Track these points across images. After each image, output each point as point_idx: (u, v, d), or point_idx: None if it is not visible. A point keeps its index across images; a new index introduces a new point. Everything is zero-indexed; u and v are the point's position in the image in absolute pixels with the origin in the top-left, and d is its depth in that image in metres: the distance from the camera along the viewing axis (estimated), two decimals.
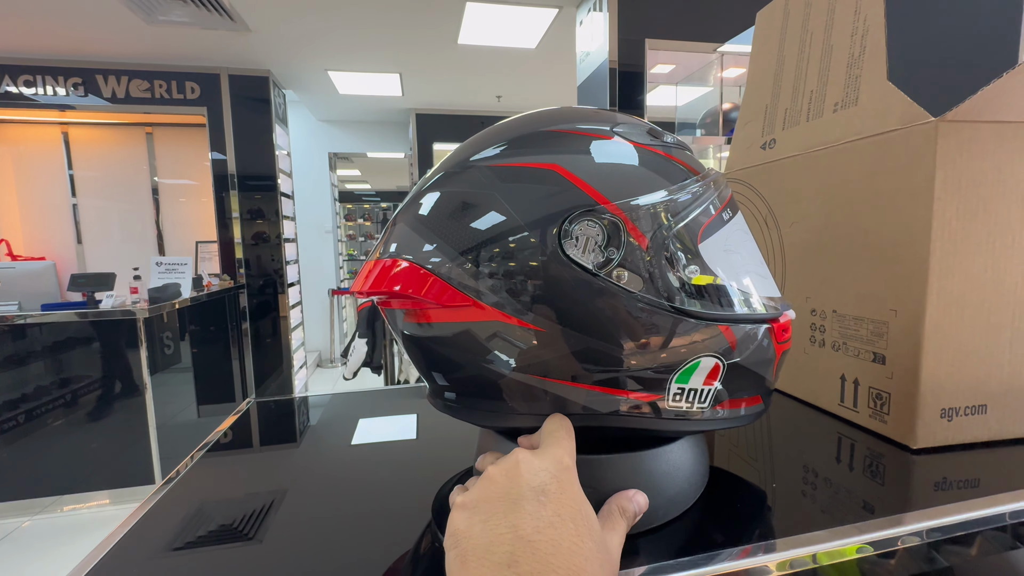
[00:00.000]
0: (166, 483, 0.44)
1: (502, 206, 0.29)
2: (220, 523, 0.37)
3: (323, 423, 0.60)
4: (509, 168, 0.31)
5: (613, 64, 2.17)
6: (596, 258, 0.28)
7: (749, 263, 0.34)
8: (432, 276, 0.29)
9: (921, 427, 0.40)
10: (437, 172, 0.33)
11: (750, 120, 0.60)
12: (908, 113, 0.39)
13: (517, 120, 0.34)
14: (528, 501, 0.23)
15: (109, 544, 0.35)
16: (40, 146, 3.17)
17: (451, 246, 0.30)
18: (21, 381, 2.24)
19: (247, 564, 0.33)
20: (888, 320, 0.42)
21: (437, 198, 0.32)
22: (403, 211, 0.33)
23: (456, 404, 0.33)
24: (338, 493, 0.42)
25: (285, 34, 2.71)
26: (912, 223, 0.39)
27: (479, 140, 0.34)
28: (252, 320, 3.36)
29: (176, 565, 0.33)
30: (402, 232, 0.32)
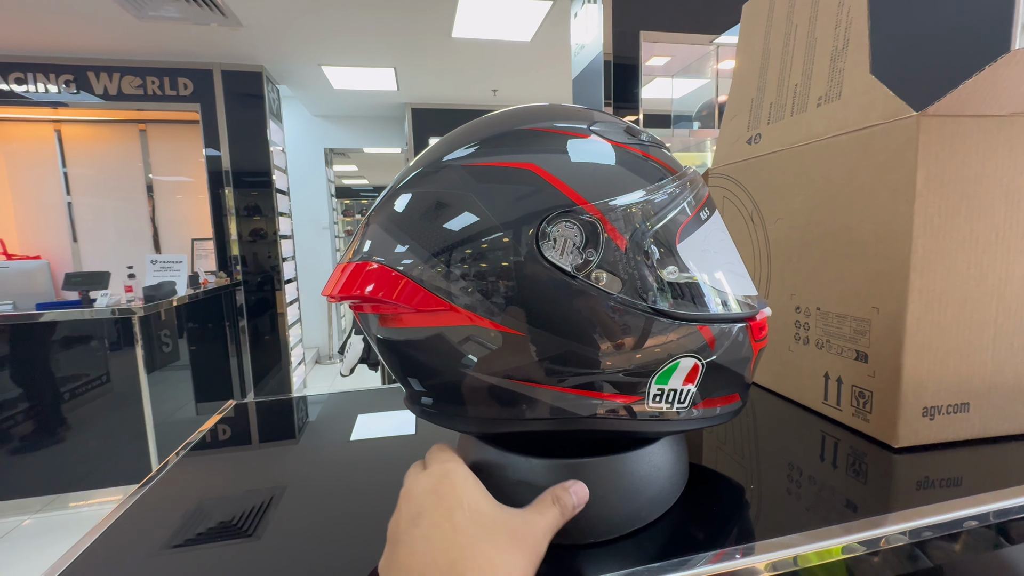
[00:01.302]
0: (145, 483, 0.44)
1: (477, 206, 0.29)
2: (220, 520, 0.37)
3: (321, 420, 0.60)
4: (484, 168, 0.30)
5: (608, 57, 2.15)
6: (574, 260, 0.28)
7: (726, 262, 0.34)
8: (404, 279, 0.29)
9: (903, 426, 0.40)
10: (411, 171, 0.33)
11: (736, 114, 0.59)
12: (890, 107, 0.39)
13: (493, 118, 0.34)
14: (403, 534, 0.25)
15: (87, 543, 0.35)
16: (33, 144, 3.16)
17: (424, 248, 0.29)
18: (19, 380, 2.24)
19: (247, 560, 0.33)
20: (870, 318, 0.41)
21: (410, 198, 0.31)
22: (376, 211, 0.33)
23: (433, 410, 0.33)
24: (337, 489, 0.42)
25: (277, 29, 2.69)
26: (893, 220, 0.39)
27: (454, 138, 0.33)
28: (249, 317, 3.36)
29: (177, 562, 0.33)
30: (374, 233, 0.31)
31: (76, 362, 2.32)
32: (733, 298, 0.32)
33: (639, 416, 0.30)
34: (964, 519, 0.34)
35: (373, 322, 0.33)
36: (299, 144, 4.34)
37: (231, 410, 0.62)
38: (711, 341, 0.30)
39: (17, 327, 2.17)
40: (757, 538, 0.32)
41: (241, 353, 3.32)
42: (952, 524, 0.34)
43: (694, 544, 0.32)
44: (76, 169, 3.23)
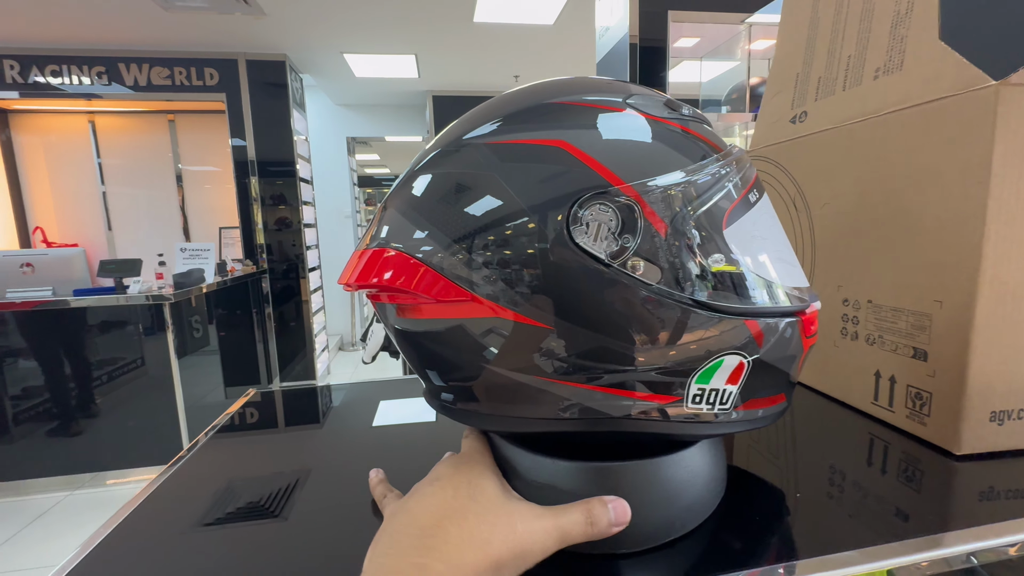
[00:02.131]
0: (173, 464, 0.44)
1: (501, 188, 0.26)
2: (248, 500, 0.38)
3: (344, 406, 0.60)
4: (509, 145, 0.27)
5: (633, 39, 2.08)
6: (608, 246, 0.25)
7: (776, 249, 0.30)
8: (423, 266, 0.27)
9: (966, 431, 0.36)
10: (430, 151, 0.30)
11: (779, 91, 0.55)
12: (962, 77, 0.35)
13: (517, 92, 0.31)
14: (419, 488, 0.28)
15: (120, 518, 0.36)
16: (69, 135, 3.26)
17: (444, 233, 0.27)
18: (60, 363, 2.33)
19: (275, 540, 0.33)
20: (931, 312, 0.38)
21: (429, 180, 0.29)
22: (394, 195, 0.31)
23: (454, 406, 0.31)
24: (360, 473, 0.42)
25: (299, 17, 2.69)
26: (962, 203, 0.35)
27: (476, 115, 0.31)
28: (275, 304, 3.43)
29: (208, 539, 0.34)
30: (392, 218, 0.30)
31: (112, 346, 2.40)
32: (783, 289, 0.29)
33: (676, 418, 0.28)
34: None
35: (391, 312, 0.31)
36: (322, 133, 4.37)
37: (254, 396, 0.62)
38: (758, 336, 0.27)
39: (56, 312, 2.26)
40: (800, 552, 0.30)
41: (267, 339, 3.40)
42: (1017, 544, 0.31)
43: (731, 558, 0.29)
44: (109, 159, 3.33)
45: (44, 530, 2.01)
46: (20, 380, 2.29)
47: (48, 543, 1.91)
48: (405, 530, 0.25)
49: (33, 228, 3.26)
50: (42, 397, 2.32)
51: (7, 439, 2.28)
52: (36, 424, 2.32)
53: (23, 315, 2.23)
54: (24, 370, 2.29)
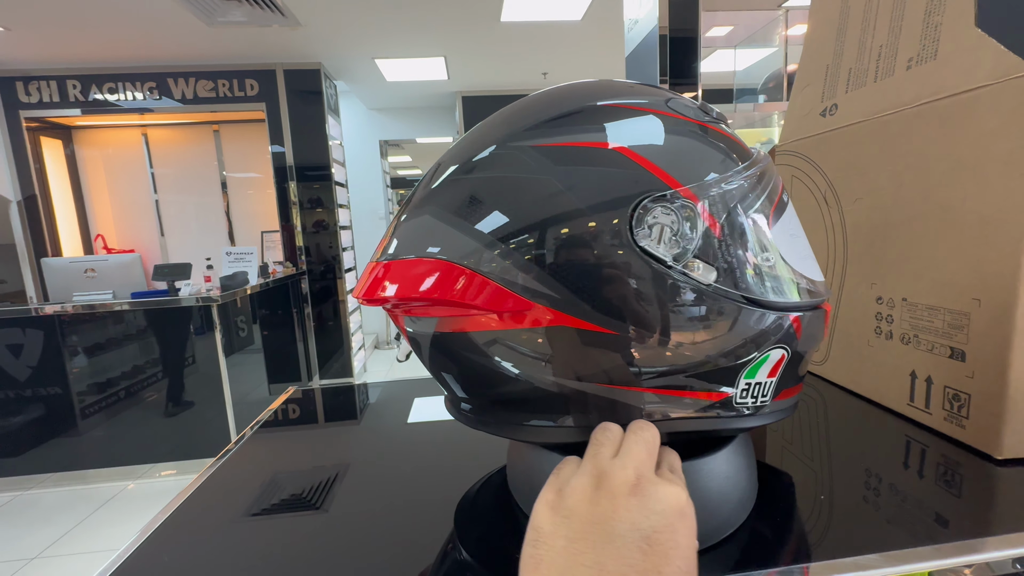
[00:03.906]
0: (221, 456, 0.48)
1: (560, 192, 0.26)
2: (291, 492, 0.40)
3: (381, 402, 0.63)
4: (562, 148, 0.27)
5: (663, 30, 2.03)
6: (671, 248, 0.25)
7: (805, 246, 0.32)
8: (478, 276, 0.26)
9: (1009, 435, 0.35)
10: (465, 155, 0.29)
11: (808, 83, 0.53)
12: (1001, 65, 0.33)
13: (553, 94, 0.30)
14: (626, 542, 0.20)
15: (172, 508, 0.39)
16: (125, 148, 3.48)
17: (500, 240, 0.26)
18: (120, 361, 2.50)
19: (315, 530, 0.35)
20: (970, 311, 0.36)
21: (475, 184, 0.28)
22: (422, 202, 0.29)
23: (484, 418, 0.30)
24: (397, 468, 0.45)
25: (332, 26, 2.77)
26: (1003, 197, 0.33)
27: (512, 117, 0.30)
28: (314, 305, 3.55)
29: (252, 528, 0.36)
30: (427, 226, 0.28)
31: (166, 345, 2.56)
32: (814, 283, 0.30)
33: (726, 414, 0.28)
34: None
35: (423, 325, 0.29)
36: (355, 137, 4.49)
37: (295, 393, 0.65)
38: (798, 329, 0.28)
39: (117, 314, 2.43)
40: (831, 553, 0.29)
41: (307, 338, 3.53)
42: None
43: (766, 556, 0.29)
44: (161, 169, 3.53)
45: (110, 515, 2.16)
46: (85, 377, 2.46)
47: (113, 528, 2.06)
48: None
49: (95, 235, 3.50)
50: (106, 392, 2.50)
51: (75, 432, 2.46)
52: (99, 419, 2.49)
53: (88, 316, 2.40)
54: (90, 367, 2.47)
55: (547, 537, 0.21)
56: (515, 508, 0.35)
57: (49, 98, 3.09)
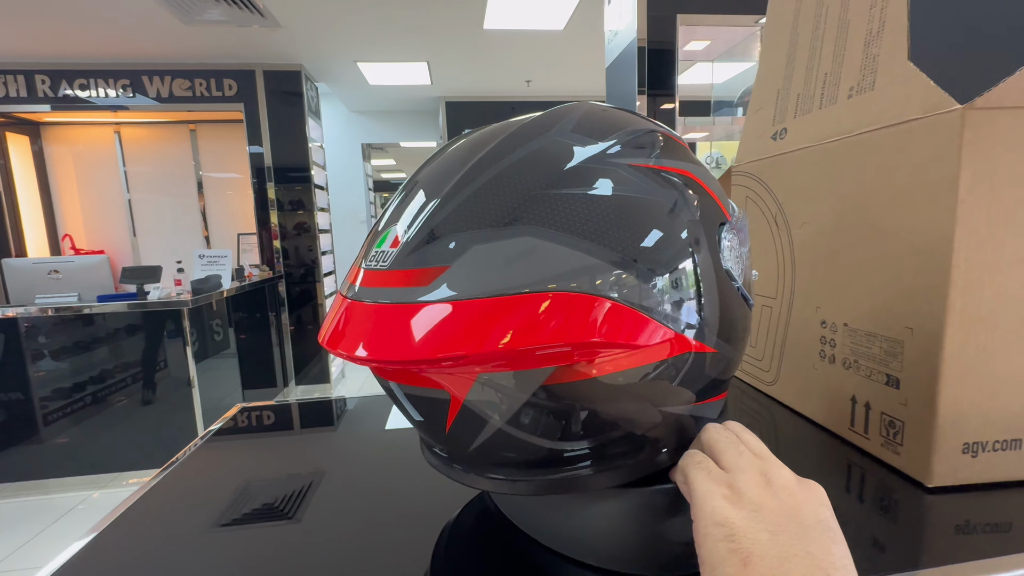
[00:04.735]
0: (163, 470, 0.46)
1: (675, 215, 0.25)
2: (264, 502, 0.39)
3: (358, 409, 0.62)
4: (656, 171, 0.26)
5: (642, 42, 2.06)
6: (735, 267, 0.28)
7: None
8: (628, 310, 0.22)
9: (938, 463, 0.35)
10: (533, 167, 0.25)
11: (761, 107, 0.54)
12: (930, 99, 0.34)
13: (597, 113, 0.28)
14: (818, 533, 0.21)
15: (108, 520, 0.38)
16: (97, 145, 3.38)
17: (646, 267, 0.23)
18: (87, 365, 2.42)
19: (288, 540, 0.35)
20: (904, 339, 0.37)
21: (596, 202, 0.24)
22: (498, 220, 0.23)
23: (596, 469, 0.26)
24: (373, 475, 0.44)
25: (314, 28, 2.74)
26: (931, 228, 0.34)
27: (577, 129, 0.26)
28: (291, 308, 3.49)
29: (226, 539, 0.35)
30: (532, 250, 0.22)
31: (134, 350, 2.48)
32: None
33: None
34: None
35: (531, 379, 0.23)
36: (338, 140, 4.45)
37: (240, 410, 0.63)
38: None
39: (81, 317, 2.35)
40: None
41: (283, 343, 3.47)
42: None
43: None
44: (134, 168, 3.44)
45: (70, 527, 2.08)
46: (48, 383, 2.38)
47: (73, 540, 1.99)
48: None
49: (62, 235, 3.39)
50: (70, 398, 2.41)
51: (37, 439, 2.37)
52: (62, 425, 2.41)
53: (51, 319, 2.32)
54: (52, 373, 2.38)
55: (746, 531, 0.21)
56: (500, 520, 0.35)
57: (16, 93, 3.00)
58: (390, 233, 0.25)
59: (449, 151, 0.28)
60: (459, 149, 0.28)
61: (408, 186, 0.28)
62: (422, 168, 0.29)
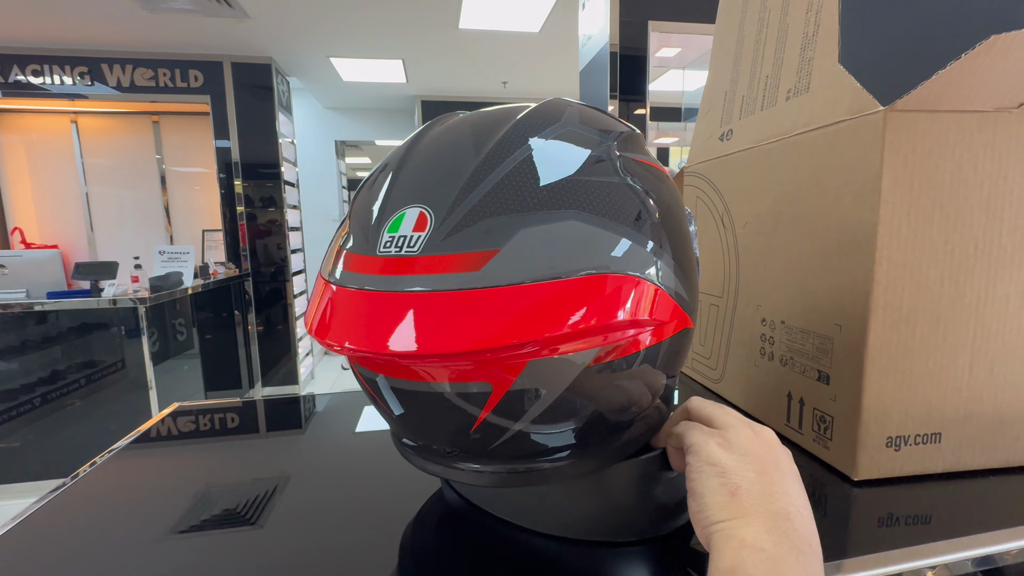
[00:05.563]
0: (70, 480, 0.43)
1: (681, 207, 0.30)
2: (225, 507, 0.37)
3: (328, 410, 0.60)
4: (651, 167, 0.29)
5: (614, 48, 2.08)
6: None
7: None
8: (657, 288, 0.25)
9: (863, 456, 0.36)
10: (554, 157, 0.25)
11: (710, 108, 0.55)
12: (858, 102, 0.34)
13: (590, 110, 0.29)
14: (791, 481, 0.25)
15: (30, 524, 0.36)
16: (51, 135, 3.22)
17: (668, 252, 0.26)
18: (34, 366, 2.30)
19: (249, 547, 0.33)
20: (833, 336, 0.37)
21: (620, 190, 0.25)
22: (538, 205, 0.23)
23: (581, 456, 0.27)
24: (342, 479, 0.43)
25: (284, 20, 2.68)
26: (856, 228, 0.35)
27: (582, 124, 0.27)
28: (258, 308, 3.40)
29: (183, 547, 0.33)
30: (576, 235, 0.23)
31: (88, 350, 2.37)
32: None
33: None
34: (936, 566, 0.31)
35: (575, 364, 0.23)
36: (310, 136, 4.36)
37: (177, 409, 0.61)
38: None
39: (30, 315, 2.23)
40: (691, 571, 0.29)
41: (250, 343, 3.37)
42: (919, 572, 0.30)
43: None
44: (93, 159, 3.30)
45: None
46: None
47: None
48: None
49: (12, 229, 3.22)
50: (15, 401, 2.29)
51: None
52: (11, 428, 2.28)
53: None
54: None
55: (736, 470, 0.24)
56: (461, 507, 0.35)
57: None
58: (404, 216, 0.24)
59: (445, 134, 0.28)
60: (460, 131, 0.27)
61: (399, 166, 0.26)
62: (412, 149, 0.27)
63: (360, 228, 0.25)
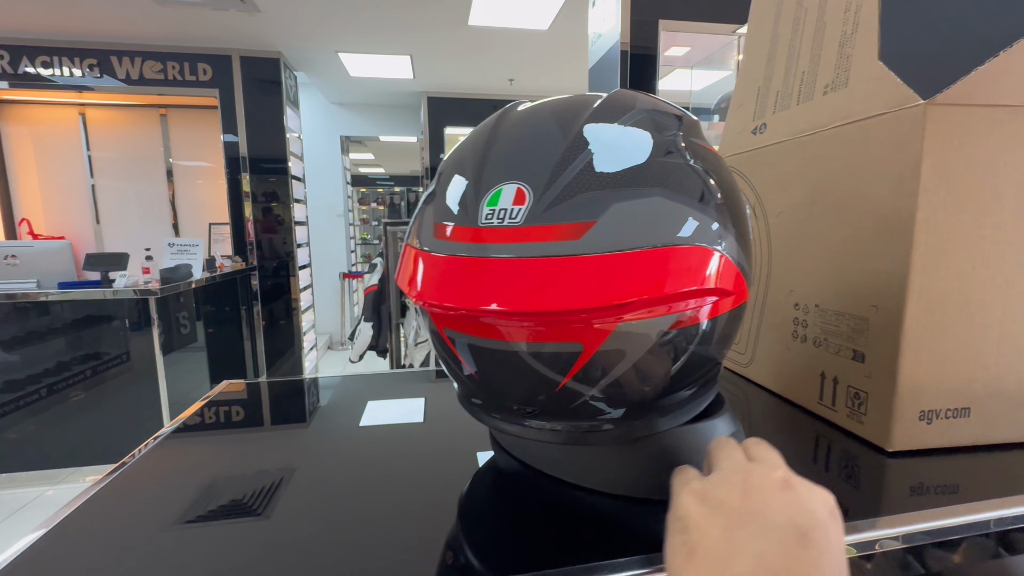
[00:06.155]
0: (119, 466, 0.44)
1: (737, 184, 0.32)
2: (231, 498, 0.38)
3: (332, 404, 0.61)
4: (710, 151, 0.31)
5: (625, 46, 2.11)
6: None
7: None
8: (732, 263, 0.27)
9: (898, 429, 0.38)
10: (643, 142, 0.27)
11: (742, 103, 0.57)
12: (896, 95, 0.37)
13: (649, 100, 0.31)
14: (785, 534, 0.20)
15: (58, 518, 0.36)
16: (59, 127, 3.23)
17: (738, 229, 0.28)
18: (42, 356, 2.31)
19: (256, 538, 0.34)
20: (869, 316, 0.40)
21: (694, 170, 0.28)
22: (622, 183, 0.26)
23: (648, 417, 0.30)
24: (346, 473, 0.43)
25: (295, 15, 2.69)
26: (894, 215, 0.37)
27: (650, 112, 0.29)
28: (264, 302, 3.41)
29: (189, 537, 0.34)
30: (661, 209, 0.25)
31: (96, 341, 2.39)
32: None
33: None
34: (961, 526, 0.33)
35: (657, 327, 0.26)
36: (316, 131, 4.37)
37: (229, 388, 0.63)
38: None
39: (41, 305, 2.24)
40: None
41: (255, 337, 3.38)
42: (948, 531, 0.33)
43: (639, 546, 0.31)
44: (99, 152, 3.30)
45: (21, 525, 1.99)
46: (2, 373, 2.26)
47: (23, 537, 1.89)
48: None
49: (19, 220, 3.22)
50: (24, 391, 2.30)
51: None
52: (17, 418, 2.29)
53: (6, 307, 2.21)
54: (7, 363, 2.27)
55: (699, 525, 0.21)
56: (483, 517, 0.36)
57: None
58: (502, 192, 0.26)
59: (526, 120, 0.30)
60: (541, 118, 0.30)
61: (487, 148, 0.29)
62: (494, 133, 0.30)
63: (457, 203, 0.28)
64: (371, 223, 6.87)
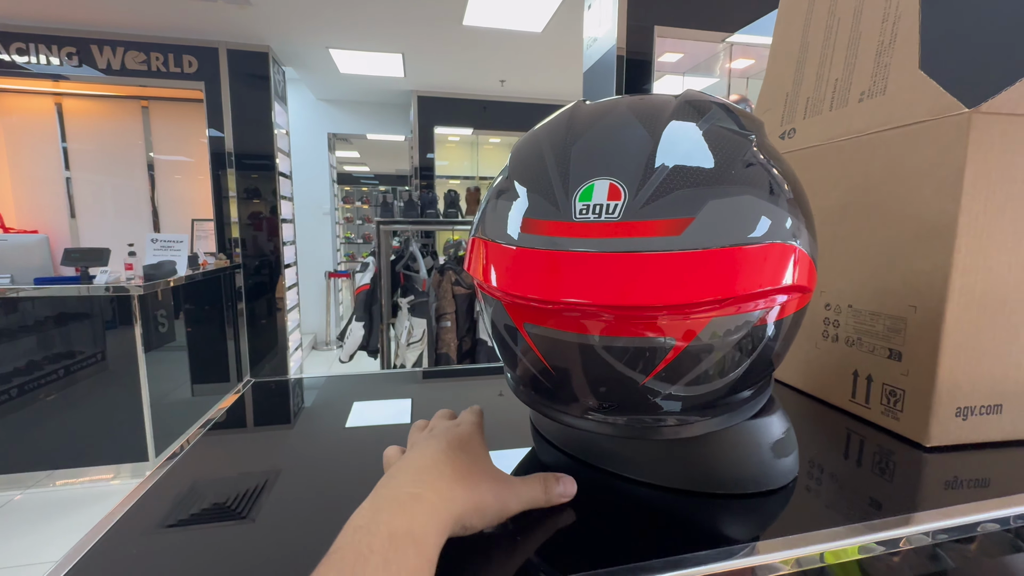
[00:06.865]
0: (169, 460, 0.43)
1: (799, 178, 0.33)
2: (214, 501, 0.37)
3: (318, 405, 0.59)
4: (774, 148, 0.32)
5: (620, 51, 2.13)
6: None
7: None
8: (812, 264, 0.30)
9: (935, 425, 0.40)
10: (722, 143, 0.28)
11: (769, 108, 0.58)
12: (939, 104, 0.38)
13: (721, 102, 0.32)
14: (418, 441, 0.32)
15: (110, 522, 0.34)
16: (33, 117, 3.11)
17: (807, 228, 0.29)
18: (14, 355, 2.22)
19: (240, 542, 0.33)
20: (907, 316, 0.41)
21: (768, 173, 0.28)
22: (713, 181, 0.26)
23: (722, 413, 0.32)
24: (332, 475, 0.42)
25: (285, 8, 2.65)
26: (936, 217, 0.38)
27: (722, 117, 0.30)
28: (248, 300, 3.34)
29: (171, 542, 0.33)
30: (748, 208, 0.26)
31: (73, 339, 2.30)
32: None
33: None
34: (983, 522, 0.34)
35: (745, 323, 0.27)
36: (302, 128, 4.30)
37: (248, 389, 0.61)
38: None
39: (14, 301, 2.15)
40: (768, 536, 0.32)
41: (239, 336, 3.31)
42: (970, 527, 0.34)
43: (694, 541, 0.31)
44: (76, 144, 3.19)
45: None
46: None
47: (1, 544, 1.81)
48: (404, 469, 0.28)
49: None
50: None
51: None
52: None
53: None
54: None
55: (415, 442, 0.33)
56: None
57: None
58: (594, 187, 0.27)
59: (606, 117, 0.30)
60: (623, 116, 0.30)
61: (569, 144, 0.29)
62: (571, 130, 0.30)
63: (544, 197, 0.28)
64: (355, 222, 6.79)
